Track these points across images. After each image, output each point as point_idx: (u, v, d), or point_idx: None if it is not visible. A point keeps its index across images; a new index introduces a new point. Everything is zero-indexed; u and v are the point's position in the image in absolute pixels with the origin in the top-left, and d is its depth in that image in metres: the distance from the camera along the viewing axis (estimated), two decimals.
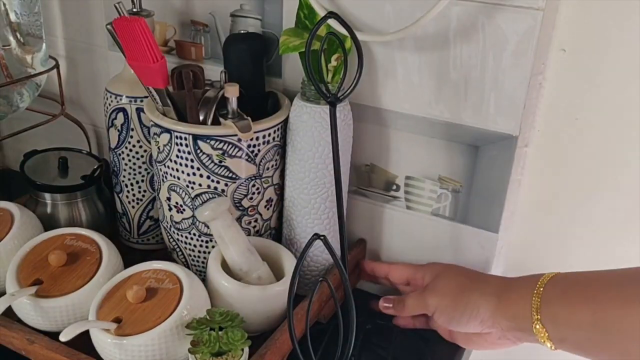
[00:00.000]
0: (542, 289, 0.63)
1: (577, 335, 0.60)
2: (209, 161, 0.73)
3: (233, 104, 0.70)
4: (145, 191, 0.87)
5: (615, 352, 0.58)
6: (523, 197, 0.79)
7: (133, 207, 0.88)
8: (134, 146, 0.84)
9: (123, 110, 0.82)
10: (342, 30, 0.70)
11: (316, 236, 0.61)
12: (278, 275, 0.75)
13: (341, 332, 0.69)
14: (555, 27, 0.70)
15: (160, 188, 0.78)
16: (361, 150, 0.81)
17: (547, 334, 0.62)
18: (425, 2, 0.68)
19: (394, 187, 0.82)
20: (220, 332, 0.63)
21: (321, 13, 0.72)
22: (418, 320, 0.77)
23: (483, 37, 0.69)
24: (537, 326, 0.62)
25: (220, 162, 0.73)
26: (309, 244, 0.61)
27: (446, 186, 0.78)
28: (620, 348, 0.57)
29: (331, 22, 0.71)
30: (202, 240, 0.78)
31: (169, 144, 0.73)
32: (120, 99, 0.82)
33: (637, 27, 0.66)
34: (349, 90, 0.69)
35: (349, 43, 0.73)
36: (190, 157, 0.73)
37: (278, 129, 0.76)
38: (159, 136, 0.75)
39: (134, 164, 0.85)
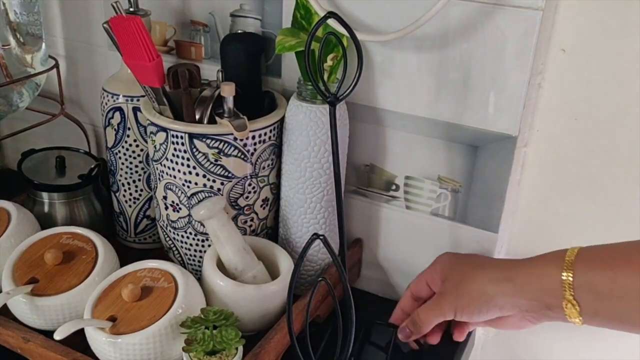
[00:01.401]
0: (572, 261, 0.60)
1: (619, 303, 0.57)
2: (205, 160, 0.72)
3: (229, 103, 0.70)
4: (142, 190, 0.87)
5: None
6: (523, 197, 0.78)
7: (130, 206, 0.88)
8: (130, 145, 0.84)
9: (120, 109, 0.82)
10: (342, 30, 0.70)
11: (315, 236, 0.61)
12: (273, 274, 0.75)
13: (340, 331, 0.69)
14: (554, 27, 0.69)
15: (156, 187, 0.78)
16: (361, 150, 0.81)
17: (578, 309, 0.59)
18: (425, 2, 0.68)
19: (394, 187, 0.81)
20: (214, 331, 0.63)
21: (320, 13, 0.72)
22: (440, 328, 0.74)
23: (482, 37, 0.69)
24: (568, 300, 0.60)
25: (216, 161, 0.72)
26: (309, 243, 0.61)
27: (446, 186, 0.78)
28: None
29: (330, 21, 0.71)
30: (198, 239, 0.78)
31: (165, 143, 0.73)
32: (117, 98, 0.82)
33: (637, 27, 0.66)
34: (348, 90, 0.68)
35: (346, 42, 0.73)
36: (186, 155, 0.72)
37: (274, 128, 0.76)
38: (155, 135, 0.75)
39: (131, 163, 0.85)
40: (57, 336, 0.63)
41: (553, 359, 0.84)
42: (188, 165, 0.73)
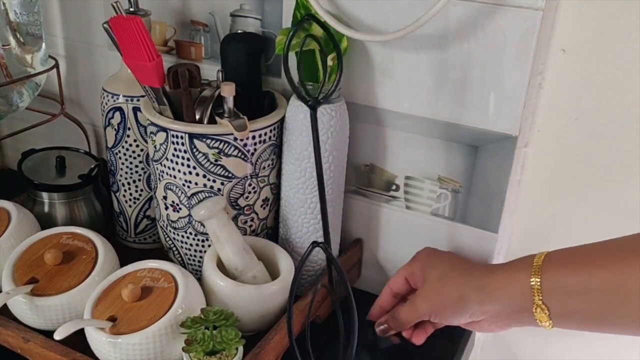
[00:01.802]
0: (539, 266, 0.61)
1: (589, 304, 0.58)
2: (205, 160, 0.72)
3: (229, 103, 0.70)
4: (142, 190, 0.87)
5: (635, 315, 0.56)
6: (523, 197, 0.78)
7: (130, 206, 0.88)
8: (130, 145, 0.84)
9: (120, 109, 0.82)
10: (342, 30, 0.70)
11: (315, 244, 0.62)
12: (274, 274, 0.74)
13: (342, 331, 0.69)
14: (554, 27, 0.69)
15: (156, 187, 0.78)
16: (361, 150, 0.81)
17: (548, 312, 0.60)
18: (425, 2, 0.68)
19: (394, 187, 0.81)
20: (214, 331, 0.63)
21: (320, 13, 0.72)
22: (424, 329, 0.76)
23: (482, 37, 0.69)
24: (537, 304, 0.61)
25: (217, 161, 0.72)
26: (308, 253, 0.62)
27: (446, 186, 0.78)
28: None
29: (331, 21, 0.71)
30: (198, 240, 0.78)
31: (165, 143, 0.73)
32: (117, 98, 0.82)
33: (637, 27, 0.66)
34: (329, 92, 0.68)
35: (345, 43, 0.73)
36: (186, 155, 0.72)
37: (274, 129, 0.76)
38: (155, 135, 0.74)
39: (131, 163, 0.85)
40: (58, 336, 0.62)
41: (552, 359, 0.84)
42: (188, 165, 0.73)
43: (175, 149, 0.73)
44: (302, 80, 0.66)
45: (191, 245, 0.78)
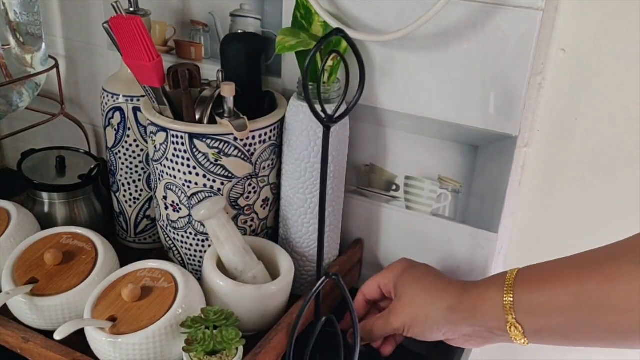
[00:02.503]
0: (512, 284, 0.62)
1: (557, 321, 0.59)
2: (205, 160, 0.72)
3: (229, 103, 0.70)
4: (142, 190, 0.87)
5: (601, 330, 0.56)
6: (523, 197, 0.78)
7: (130, 206, 0.88)
8: (130, 145, 0.84)
9: (120, 109, 0.82)
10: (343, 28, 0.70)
11: (327, 277, 0.64)
12: (274, 274, 0.74)
13: (340, 334, 0.69)
14: (555, 27, 0.69)
15: (156, 187, 0.78)
16: (361, 150, 0.81)
17: (522, 330, 0.61)
18: (425, 2, 0.68)
19: (394, 187, 0.81)
20: (214, 331, 0.63)
21: (320, 13, 0.72)
22: (394, 339, 0.76)
23: (483, 37, 0.69)
24: (511, 323, 0.61)
25: (217, 161, 0.72)
26: (320, 285, 0.64)
27: (446, 186, 0.78)
28: (607, 324, 0.56)
29: (331, 21, 0.71)
30: (198, 240, 0.78)
31: (165, 143, 0.73)
32: (117, 98, 0.82)
33: (637, 27, 0.66)
34: (346, 111, 0.66)
35: (345, 43, 0.73)
36: (186, 156, 0.72)
37: (274, 129, 0.76)
38: (155, 135, 0.74)
39: (131, 163, 0.85)
40: (57, 336, 0.62)
41: (553, 359, 0.84)
42: (188, 165, 0.73)
43: (175, 149, 0.73)
44: (321, 100, 0.63)
45: (191, 245, 0.78)
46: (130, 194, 0.87)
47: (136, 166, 0.85)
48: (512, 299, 0.61)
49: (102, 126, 0.86)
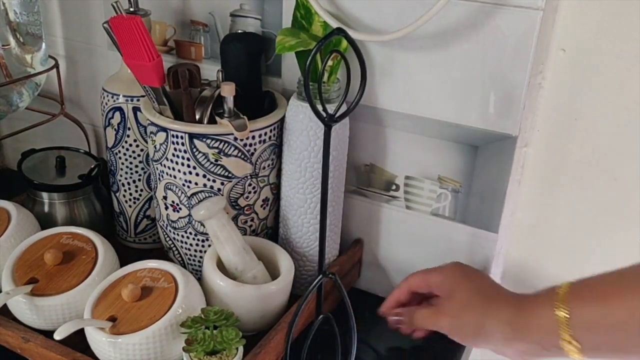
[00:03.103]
0: (565, 300, 0.60)
1: (616, 337, 0.57)
2: (205, 160, 0.72)
3: (229, 103, 0.70)
4: (142, 190, 0.87)
5: None
6: (523, 197, 0.78)
7: (130, 206, 0.88)
8: (130, 145, 0.84)
9: (120, 109, 0.82)
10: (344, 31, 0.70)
11: (324, 275, 0.64)
12: (274, 274, 0.74)
13: (338, 334, 0.69)
14: (554, 27, 0.70)
15: (156, 187, 0.78)
16: (361, 150, 0.81)
17: (580, 346, 0.59)
18: (425, 2, 0.68)
19: (394, 187, 0.81)
20: (214, 331, 0.63)
21: (320, 13, 0.72)
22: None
23: (482, 37, 0.69)
24: (567, 340, 0.59)
25: (217, 161, 0.72)
26: (316, 284, 0.64)
27: (446, 186, 0.78)
28: None
29: (331, 21, 0.71)
30: (198, 240, 0.78)
31: (165, 143, 0.73)
32: (117, 98, 0.82)
33: (637, 27, 0.66)
34: (346, 111, 0.66)
35: (345, 43, 0.73)
36: (186, 155, 0.72)
37: (274, 128, 0.76)
38: (155, 135, 0.74)
39: (131, 163, 0.85)
40: (57, 336, 0.63)
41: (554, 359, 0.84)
42: (188, 165, 0.73)
43: (175, 149, 0.73)
44: (322, 100, 0.64)
45: (191, 245, 0.78)
46: (130, 194, 0.87)
47: (136, 166, 0.85)
48: (567, 315, 0.59)
49: (102, 126, 0.86)
